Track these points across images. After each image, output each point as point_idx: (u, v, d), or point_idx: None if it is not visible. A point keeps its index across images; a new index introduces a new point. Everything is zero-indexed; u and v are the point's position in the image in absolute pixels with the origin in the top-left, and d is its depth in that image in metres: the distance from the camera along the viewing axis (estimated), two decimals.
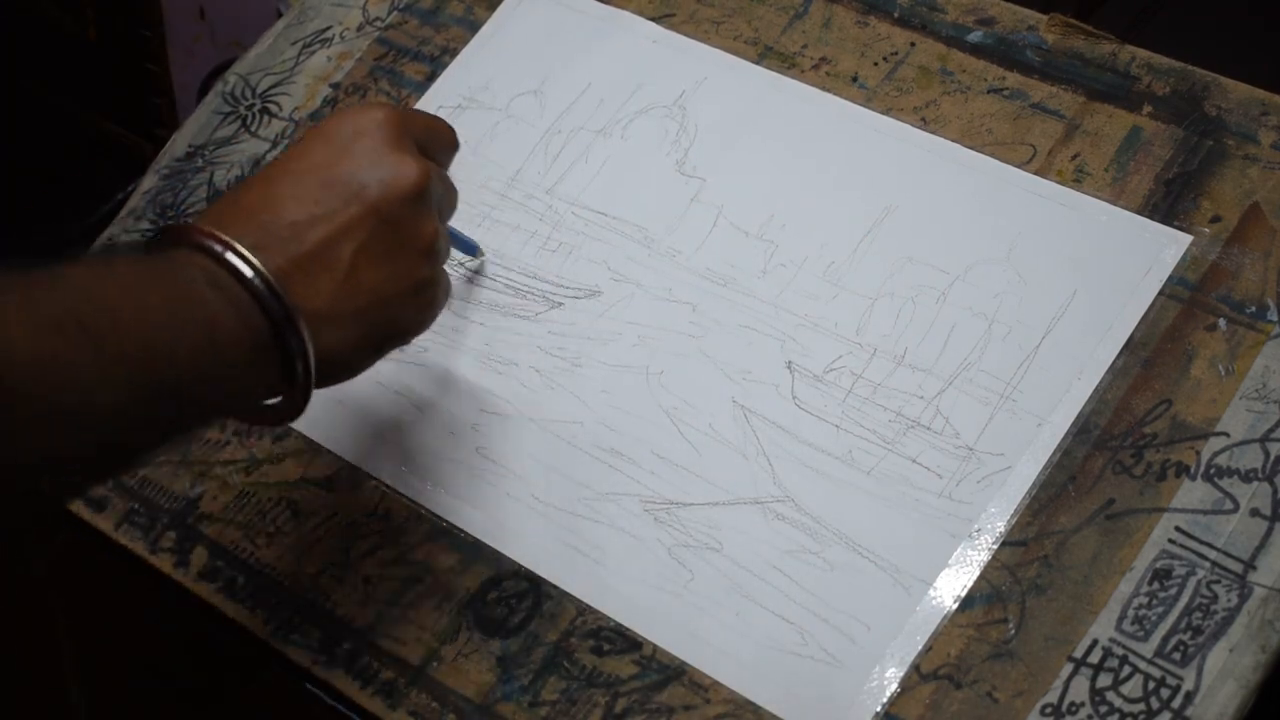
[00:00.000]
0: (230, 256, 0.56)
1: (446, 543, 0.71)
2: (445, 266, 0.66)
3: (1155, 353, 0.67)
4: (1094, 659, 0.61)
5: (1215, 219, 0.70)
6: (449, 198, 0.67)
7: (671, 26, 0.83)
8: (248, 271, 0.56)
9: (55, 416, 0.49)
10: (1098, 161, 0.73)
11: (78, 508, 0.76)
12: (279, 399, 0.59)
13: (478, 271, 0.78)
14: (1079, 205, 0.72)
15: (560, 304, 0.76)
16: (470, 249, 0.78)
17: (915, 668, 0.63)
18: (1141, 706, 0.59)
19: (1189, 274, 0.69)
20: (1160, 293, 0.69)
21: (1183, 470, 0.64)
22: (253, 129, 0.88)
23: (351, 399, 0.75)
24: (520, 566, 0.69)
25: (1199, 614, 0.60)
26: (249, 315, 0.56)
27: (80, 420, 0.50)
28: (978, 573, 0.64)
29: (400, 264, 0.61)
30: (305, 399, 0.59)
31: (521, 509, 0.71)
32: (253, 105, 0.88)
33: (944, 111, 0.77)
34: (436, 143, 0.67)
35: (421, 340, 0.76)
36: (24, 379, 0.48)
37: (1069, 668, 0.61)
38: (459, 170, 0.75)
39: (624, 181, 0.79)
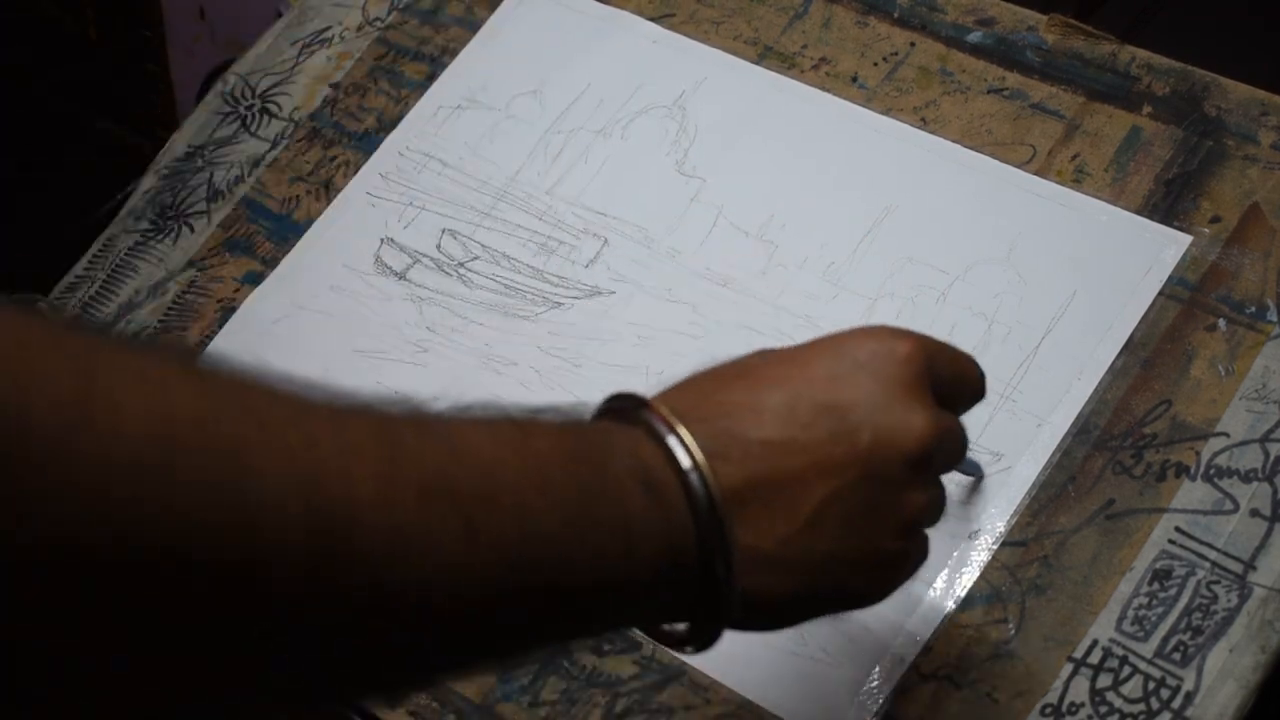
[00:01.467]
0: (678, 451, 0.46)
1: None
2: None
3: (1155, 353, 0.67)
4: (1094, 659, 0.61)
5: (1215, 219, 0.70)
6: (955, 453, 0.54)
7: (671, 26, 0.83)
8: (694, 480, 0.46)
9: (395, 600, 0.39)
10: (1097, 162, 0.73)
11: None
12: (684, 625, 0.49)
13: (975, 490, 0.67)
14: (1079, 205, 0.72)
15: (560, 304, 0.76)
16: (973, 470, 0.66)
17: (915, 668, 0.63)
18: (1141, 707, 0.59)
19: (1189, 274, 0.69)
20: (1160, 293, 0.69)
21: (1183, 470, 0.64)
22: (252, 129, 0.88)
23: None
24: None
25: (1199, 614, 0.60)
26: (676, 529, 0.45)
27: (426, 610, 0.40)
28: (978, 573, 0.64)
29: (871, 531, 0.50)
30: (715, 637, 0.48)
31: None
32: (253, 105, 0.88)
33: (944, 111, 0.76)
34: (960, 391, 0.55)
35: (421, 340, 0.76)
36: (368, 548, 0.37)
37: (1069, 668, 0.61)
38: (458, 172, 0.75)
39: (624, 181, 0.79)
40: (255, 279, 0.82)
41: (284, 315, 0.80)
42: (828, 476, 0.48)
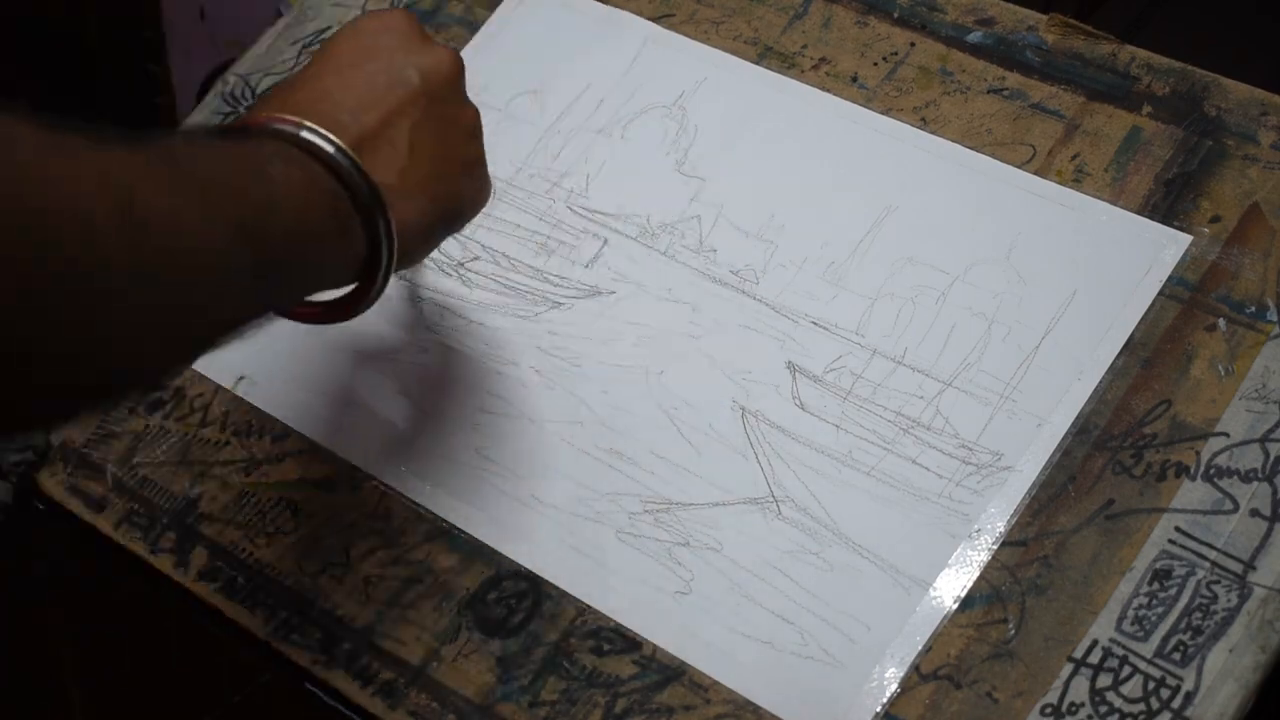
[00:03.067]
0: (307, 135, 0.58)
1: (446, 543, 0.71)
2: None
3: (1155, 353, 0.67)
4: (1094, 659, 0.61)
5: (1215, 219, 0.70)
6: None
7: (671, 26, 0.83)
8: (329, 148, 0.58)
9: (179, 273, 0.49)
10: (1097, 161, 0.73)
11: (78, 508, 0.76)
12: (353, 286, 0.61)
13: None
14: (1079, 205, 0.72)
15: (560, 304, 0.76)
16: None
17: (915, 668, 0.63)
18: (1141, 707, 0.59)
19: (1189, 274, 0.69)
20: (1160, 293, 0.69)
21: (1182, 470, 0.64)
22: None
23: (353, 399, 0.75)
24: (520, 566, 0.69)
25: (1199, 614, 0.60)
26: (331, 191, 0.57)
27: (197, 281, 0.50)
28: (978, 573, 0.64)
29: (451, 141, 0.65)
30: (387, 276, 0.60)
31: (521, 509, 0.71)
32: (252, 105, 0.88)
33: (944, 111, 0.77)
34: None
35: (421, 340, 0.76)
36: (160, 233, 0.47)
37: (1069, 668, 0.61)
38: None
39: (624, 181, 0.79)
40: None
41: None
42: (403, 114, 0.62)
